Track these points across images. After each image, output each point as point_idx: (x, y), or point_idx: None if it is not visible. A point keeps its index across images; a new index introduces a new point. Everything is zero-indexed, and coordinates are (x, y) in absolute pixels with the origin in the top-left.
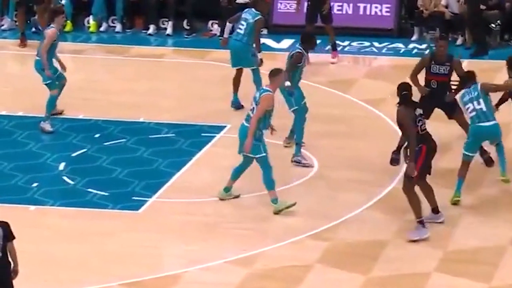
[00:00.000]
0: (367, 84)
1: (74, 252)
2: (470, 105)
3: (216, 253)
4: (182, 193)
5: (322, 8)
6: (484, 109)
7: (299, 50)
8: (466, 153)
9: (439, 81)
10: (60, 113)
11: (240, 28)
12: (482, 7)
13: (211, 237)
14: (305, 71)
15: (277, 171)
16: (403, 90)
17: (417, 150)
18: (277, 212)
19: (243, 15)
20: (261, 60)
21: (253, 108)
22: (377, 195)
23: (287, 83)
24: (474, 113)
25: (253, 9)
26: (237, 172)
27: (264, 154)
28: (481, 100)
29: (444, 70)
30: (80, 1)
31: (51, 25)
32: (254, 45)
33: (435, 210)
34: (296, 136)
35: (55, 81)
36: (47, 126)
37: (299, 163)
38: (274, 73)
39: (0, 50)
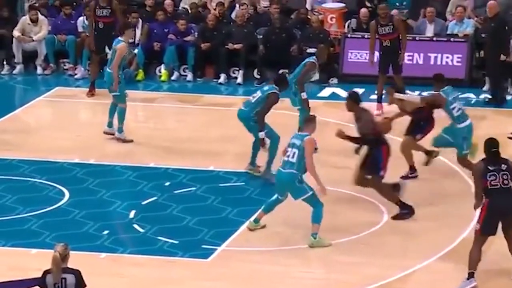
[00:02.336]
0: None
1: None
2: (455, 104)
3: None
4: (251, 241)
5: (398, 58)
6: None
7: (275, 91)
8: (465, 152)
9: None
10: (113, 134)
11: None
12: (503, 57)
13: (281, 286)
14: None
15: (343, 219)
16: (492, 148)
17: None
18: (312, 246)
19: None
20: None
21: (294, 153)
22: (447, 245)
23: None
24: (460, 111)
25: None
26: (271, 206)
27: (311, 192)
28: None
29: None
30: (152, 50)
31: (121, 39)
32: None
33: None
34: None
35: (124, 96)
36: (123, 136)
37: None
38: (311, 119)
39: (73, 98)
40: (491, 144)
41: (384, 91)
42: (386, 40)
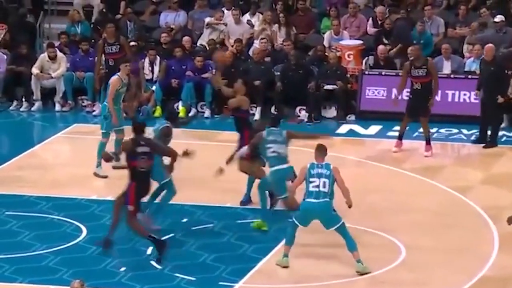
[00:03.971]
0: (455, 171)
1: None
2: (272, 145)
3: None
4: (269, 278)
5: (427, 102)
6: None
7: (168, 125)
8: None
9: None
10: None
11: None
12: (500, 99)
13: None
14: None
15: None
16: None
17: None
18: (361, 273)
19: None
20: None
21: (324, 183)
22: (467, 282)
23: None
24: (275, 154)
25: None
26: (293, 237)
27: (342, 221)
28: (283, 145)
29: None
30: (169, 87)
31: (116, 74)
32: None
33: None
34: None
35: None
36: (100, 172)
37: None
38: (325, 148)
39: (91, 135)
40: None
41: (404, 130)
42: (417, 82)
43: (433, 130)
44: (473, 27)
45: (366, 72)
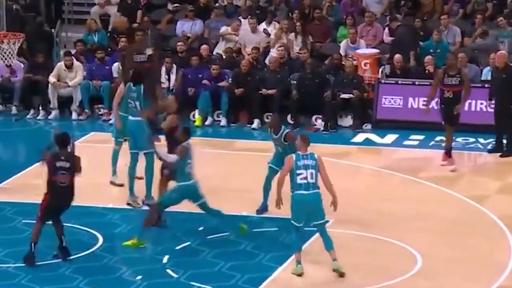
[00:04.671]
0: (471, 180)
1: None
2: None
3: None
4: (284, 287)
5: (454, 109)
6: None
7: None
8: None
9: None
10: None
11: None
12: None
13: None
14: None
15: (375, 265)
16: None
17: None
18: (338, 271)
19: None
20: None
21: (312, 174)
22: None
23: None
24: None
25: None
26: (302, 241)
27: (327, 219)
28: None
29: None
30: (186, 96)
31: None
32: None
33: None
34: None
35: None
36: (116, 180)
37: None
38: (308, 138)
39: (107, 143)
40: None
41: (451, 143)
42: (449, 91)
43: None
44: (476, 34)
45: (383, 81)
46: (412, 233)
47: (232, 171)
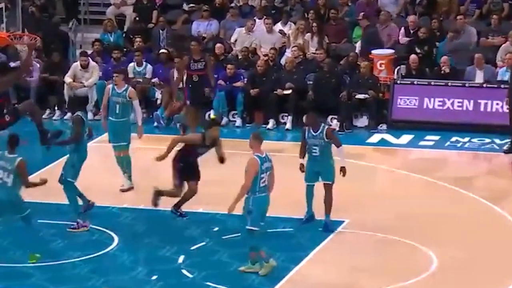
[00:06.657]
0: (488, 181)
1: None
2: None
3: None
4: (299, 287)
5: None
6: None
7: None
8: None
9: None
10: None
11: None
12: None
13: None
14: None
15: (390, 266)
16: None
17: None
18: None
19: None
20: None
21: (268, 176)
22: None
23: None
24: None
25: None
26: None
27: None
28: None
29: None
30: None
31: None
32: None
33: None
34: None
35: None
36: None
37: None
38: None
39: None
40: None
41: None
42: None
43: (465, 139)
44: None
45: (398, 81)
46: (427, 234)
47: None
